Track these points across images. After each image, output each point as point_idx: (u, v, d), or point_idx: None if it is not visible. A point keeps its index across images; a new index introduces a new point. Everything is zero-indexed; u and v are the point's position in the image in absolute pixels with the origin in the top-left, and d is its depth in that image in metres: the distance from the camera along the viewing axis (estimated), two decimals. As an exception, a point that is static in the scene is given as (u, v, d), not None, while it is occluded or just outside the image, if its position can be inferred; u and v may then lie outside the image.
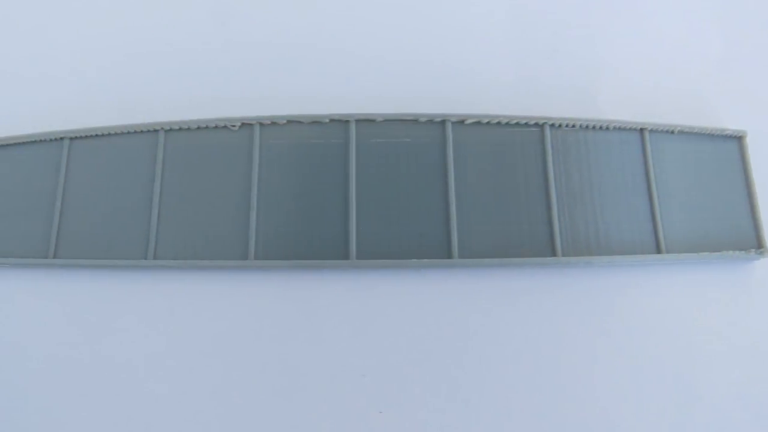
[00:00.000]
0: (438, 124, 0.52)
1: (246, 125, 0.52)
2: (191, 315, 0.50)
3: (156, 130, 0.52)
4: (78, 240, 0.50)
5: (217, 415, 0.47)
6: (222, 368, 0.48)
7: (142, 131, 0.52)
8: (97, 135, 0.52)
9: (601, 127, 0.53)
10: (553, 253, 0.50)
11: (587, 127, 0.53)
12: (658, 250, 0.50)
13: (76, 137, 0.53)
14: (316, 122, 0.52)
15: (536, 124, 0.52)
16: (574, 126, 0.53)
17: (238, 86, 0.56)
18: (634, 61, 0.58)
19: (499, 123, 0.52)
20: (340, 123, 0.52)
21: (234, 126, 0.52)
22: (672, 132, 0.53)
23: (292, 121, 0.52)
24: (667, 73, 0.57)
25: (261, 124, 0.52)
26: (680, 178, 0.52)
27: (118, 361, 0.49)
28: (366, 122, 0.52)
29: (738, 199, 0.52)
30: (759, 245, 0.51)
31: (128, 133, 0.52)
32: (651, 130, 0.53)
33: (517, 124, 0.52)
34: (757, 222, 0.52)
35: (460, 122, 0.52)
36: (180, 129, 0.52)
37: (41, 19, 0.60)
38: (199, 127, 0.52)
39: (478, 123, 0.52)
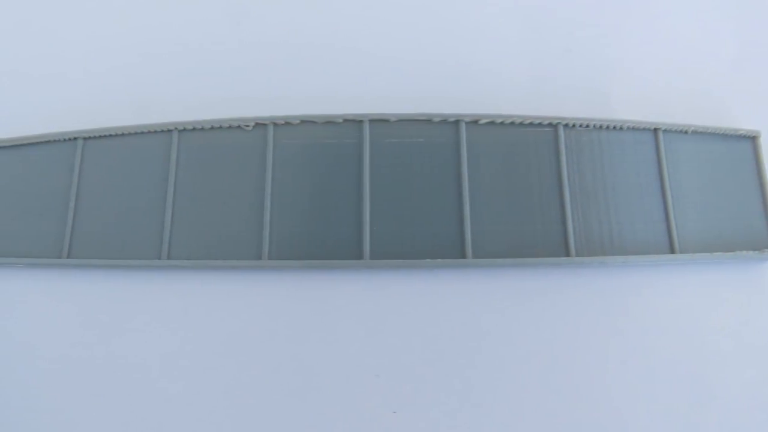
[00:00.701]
0: (452, 124, 0.52)
1: (260, 125, 0.52)
2: (205, 315, 0.50)
3: (170, 130, 0.52)
4: (91, 240, 0.50)
5: (231, 415, 0.47)
6: (235, 368, 0.48)
7: (155, 131, 0.52)
8: (110, 135, 0.53)
9: (614, 127, 0.53)
10: (567, 253, 0.50)
11: (601, 127, 0.53)
12: (672, 250, 0.50)
13: (89, 137, 0.53)
14: (329, 122, 0.52)
15: (550, 124, 0.52)
16: (587, 126, 0.52)
17: (251, 86, 0.56)
18: (647, 61, 0.57)
19: (512, 123, 0.52)
20: (354, 123, 0.52)
21: (248, 126, 0.52)
22: (685, 132, 0.53)
23: (306, 121, 0.52)
24: (681, 73, 0.57)
25: (275, 124, 0.52)
26: (694, 178, 0.52)
27: (132, 361, 0.49)
28: (380, 122, 0.52)
29: (752, 199, 0.52)
30: (772, 245, 0.51)
31: (142, 133, 0.52)
32: (664, 130, 0.53)
33: (531, 124, 0.52)
34: (771, 222, 0.52)
35: (474, 122, 0.52)
36: (194, 129, 0.52)
37: (54, 18, 0.60)
38: (212, 127, 0.52)
39: (492, 123, 0.52)
